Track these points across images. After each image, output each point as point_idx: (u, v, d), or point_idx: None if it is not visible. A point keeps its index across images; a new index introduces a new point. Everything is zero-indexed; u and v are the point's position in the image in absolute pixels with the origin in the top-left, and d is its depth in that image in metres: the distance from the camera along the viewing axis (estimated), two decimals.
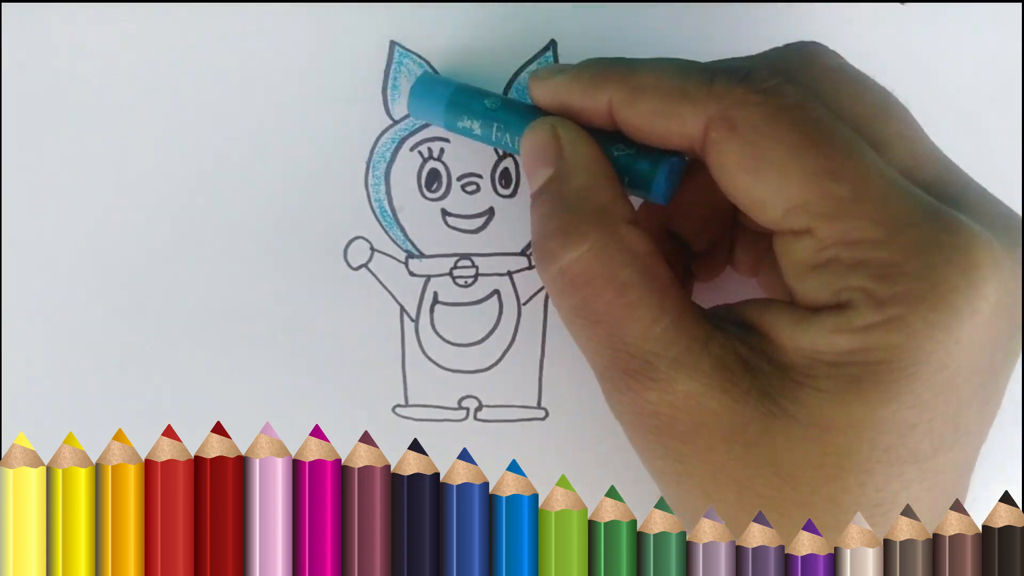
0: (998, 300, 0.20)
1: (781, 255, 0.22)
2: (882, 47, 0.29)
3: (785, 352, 0.21)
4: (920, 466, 0.21)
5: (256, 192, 0.29)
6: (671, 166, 0.24)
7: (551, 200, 0.23)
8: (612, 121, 0.24)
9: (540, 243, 0.23)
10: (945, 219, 0.20)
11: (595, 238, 0.22)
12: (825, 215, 0.20)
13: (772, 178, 0.21)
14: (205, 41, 0.28)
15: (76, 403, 0.29)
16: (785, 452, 0.21)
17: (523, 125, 0.25)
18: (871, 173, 0.20)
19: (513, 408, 0.29)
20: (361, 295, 0.29)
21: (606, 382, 0.23)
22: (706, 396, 0.21)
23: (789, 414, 0.21)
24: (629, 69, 0.23)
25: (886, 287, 0.20)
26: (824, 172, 0.20)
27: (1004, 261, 0.20)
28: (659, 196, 0.24)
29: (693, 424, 0.22)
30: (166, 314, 0.29)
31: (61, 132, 0.29)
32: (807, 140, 0.21)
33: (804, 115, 0.21)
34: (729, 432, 0.21)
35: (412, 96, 0.27)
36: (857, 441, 0.20)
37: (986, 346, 0.21)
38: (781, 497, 0.21)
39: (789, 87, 0.21)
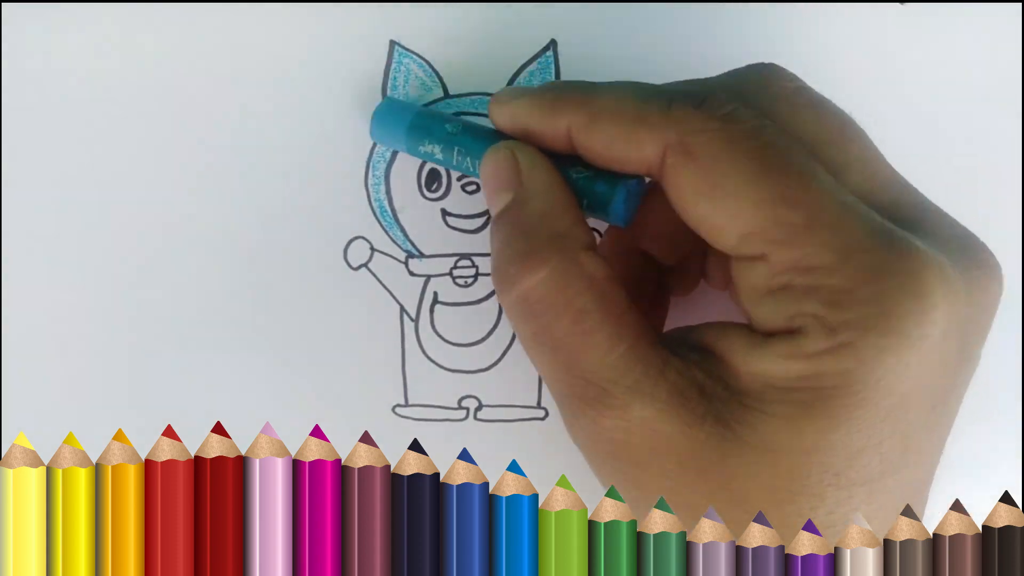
0: (948, 325, 0.20)
1: (737, 279, 0.22)
2: (882, 47, 0.29)
3: (739, 377, 0.21)
4: (869, 487, 0.21)
5: (256, 192, 0.29)
6: (628, 188, 0.24)
7: (509, 225, 0.23)
8: (571, 145, 0.24)
9: (500, 268, 0.23)
10: (898, 244, 0.20)
11: (554, 263, 0.22)
12: (779, 242, 0.21)
13: (728, 204, 0.21)
14: (205, 41, 0.28)
15: (76, 403, 0.29)
16: (738, 476, 0.21)
17: (484, 149, 0.25)
18: (825, 199, 0.21)
19: (513, 408, 0.29)
20: (361, 295, 0.29)
21: (564, 408, 0.23)
22: (661, 422, 0.21)
23: (742, 439, 0.21)
24: (587, 94, 0.23)
25: (837, 313, 0.20)
26: (778, 199, 0.21)
27: (956, 284, 0.21)
28: (618, 218, 0.24)
29: (648, 450, 0.22)
30: (166, 314, 0.29)
31: (61, 132, 0.29)
32: (762, 166, 0.21)
33: (760, 140, 0.21)
34: (683, 457, 0.21)
35: (374, 122, 0.27)
36: (807, 465, 0.21)
37: (936, 370, 0.21)
38: (735, 521, 0.21)
39: (746, 112, 0.22)
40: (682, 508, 0.22)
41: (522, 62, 0.28)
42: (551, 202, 0.23)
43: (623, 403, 0.22)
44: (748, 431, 0.21)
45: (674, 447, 0.21)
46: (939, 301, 0.20)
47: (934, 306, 0.20)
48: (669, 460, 0.22)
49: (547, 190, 0.23)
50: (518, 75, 0.28)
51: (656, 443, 0.22)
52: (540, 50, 0.29)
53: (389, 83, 0.28)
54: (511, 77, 0.28)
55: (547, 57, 0.29)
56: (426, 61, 0.28)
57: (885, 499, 0.21)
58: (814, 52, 0.29)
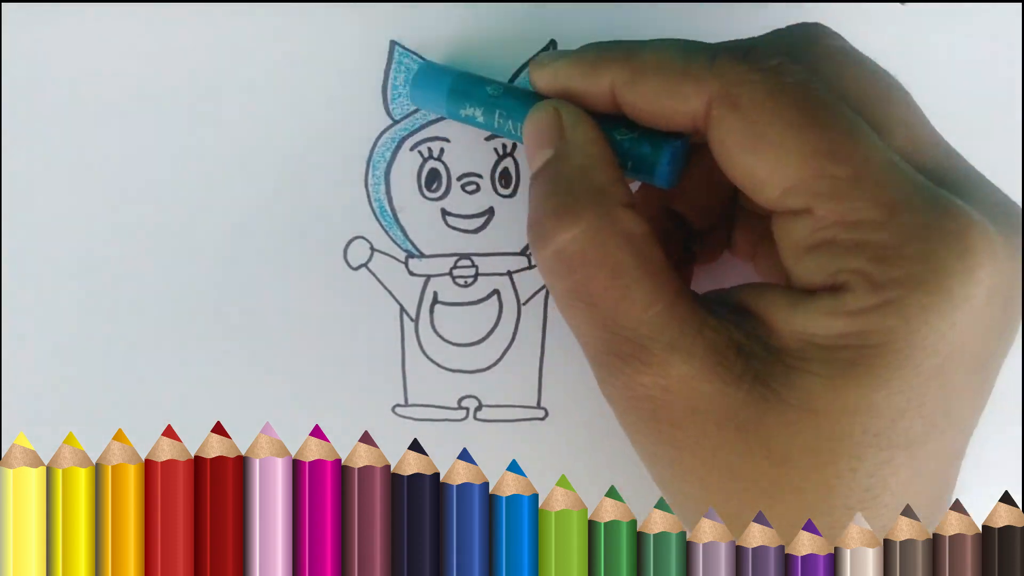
0: (993, 287, 0.20)
1: (779, 236, 0.22)
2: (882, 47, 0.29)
3: (779, 336, 0.21)
4: (910, 451, 0.21)
5: (256, 192, 0.29)
6: (674, 150, 0.23)
7: (548, 180, 0.23)
8: (615, 104, 0.23)
9: (536, 223, 0.23)
10: (943, 204, 0.20)
11: (590, 219, 0.22)
12: (823, 195, 0.20)
13: (772, 157, 0.21)
14: (205, 41, 0.28)
15: (76, 403, 0.29)
16: (777, 437, 0.21)
17: (525, 111, 0.25)
18: (871, 155, 0.20)
19: (513, 408, 0.29)
20: (361, 295, 0.29)
21: (600, 366, 0.23)
22: (699, 380, 0.21)
23: (782, 398, 0.21)
24: (630, 51, 0.23)
25: (883, 270, 0.20)
26: (824, 152, 0.20)
27: (1000, 249, 0.20)
28: (663, 180, 0.24)
29: (686, 409, 0.22)
30: (166, 314, 0.29)
31: (61, 132, 0.29)
32: (808, 119, 0.21)
33: (806, 94, 0.21)
34: (722, 416, 0.21)
35: (414, 86, 0.27)
36: (849, 426, 0.20)
37: (979, 333, 0.21)
38: (773, 481, 0.21)
39: (792, 66, 0.21)
40: (722, 468, 0.21)
41: (522, 62, 0.28)
42: (591, 158, 0.23)
43: (662, 360, 0.21)
44: (788, 390, 0.21)
45: (714, 406, 0.21)
46: (985, 261, 0.20)
47: (980, 265, 0.20)
48: (708, 419, 0.21)
49: (587, 146, 0.23)
50: (518, 75, 0.28)
51: (696, 402, 0.21)
52: (540, 50, 0.29)
53: (389, 83, 0.28)
54: (511, 77, 0.28)
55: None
56: (426, 61, 0.28)
57: (926, 465, 0.21)
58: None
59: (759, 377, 0.21)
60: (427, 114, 0.29)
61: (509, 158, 0.29)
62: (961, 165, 0.23)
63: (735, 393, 0.21)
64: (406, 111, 0.29)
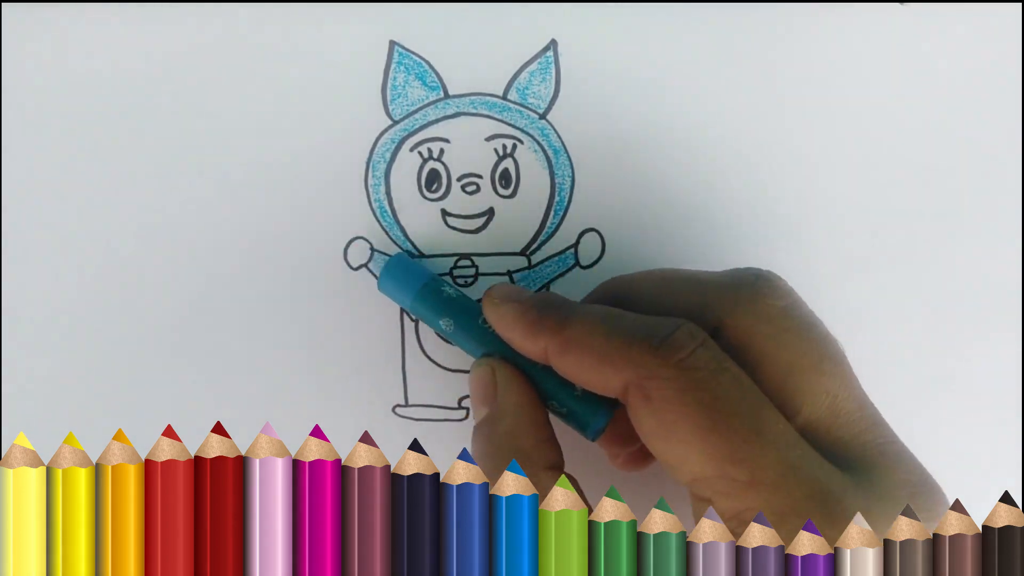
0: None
1: (692, 501, 0.23)
2: (882, 47, 0.29)
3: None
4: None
5: (256, 192, 0.29)
6: (605, 417, 0.25)
7: (483, 440, 0.25)
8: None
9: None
10: (831, 510, 0.22)
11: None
12: (723, 494, 0.22)
13: (679, 451, 0.23)
14: (205, 41, 0.28)
15: (76, 403, 0.29)
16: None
17: (475, 345, 0.27)
18: (769, 458, 0.22)
19: None
20: (361, 295, 0.29)
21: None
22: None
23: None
24: (563, 320, 0.24)
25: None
26: (725, 455, 0.22)
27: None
28: (592, 438, 0.26)
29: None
30: (166, 314, 0.29)
31: (61, 132, 0.29)
32: (710, 421, 0.22)
33: (711, 393, 0.22)
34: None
35: (382, 276, 0.28)
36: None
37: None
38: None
39: (704, 355, 0.23)
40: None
41: (522, 62, 0.28)
42: (518, 422, 0.25)
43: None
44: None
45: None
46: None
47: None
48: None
49: (517, 411, 0.25)
50: (518, 75, 0.28)
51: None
52: (540, 50, 0.29)
53: (389, 83, 0.28)
54: (511, 77, 0.28)
55: (547, 57, 0.29)
56: (426, 61, 0.28)
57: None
58: (814, 52, 0.29)
59: None
60: (427, 114, 0.29)
61: (509, 159, 0.29)
62: (881, 439, 0.24)
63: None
64: (406, 111, 0.29)
